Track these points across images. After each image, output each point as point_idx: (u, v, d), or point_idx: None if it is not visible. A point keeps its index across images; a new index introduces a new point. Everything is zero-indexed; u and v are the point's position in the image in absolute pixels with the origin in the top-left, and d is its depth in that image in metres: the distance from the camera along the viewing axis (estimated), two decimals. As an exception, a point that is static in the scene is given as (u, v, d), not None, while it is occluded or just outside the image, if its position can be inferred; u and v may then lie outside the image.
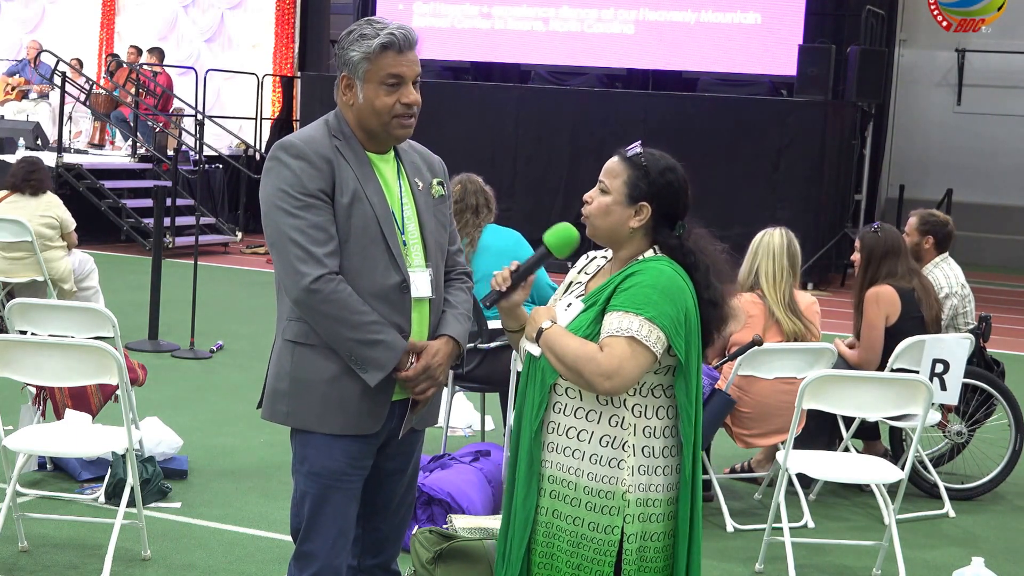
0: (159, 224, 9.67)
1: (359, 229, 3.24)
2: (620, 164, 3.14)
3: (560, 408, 3.11)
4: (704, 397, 5.47)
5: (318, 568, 3.33)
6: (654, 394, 3.08)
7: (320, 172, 3.22)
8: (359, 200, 3.24)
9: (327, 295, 3.17)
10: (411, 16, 16.50)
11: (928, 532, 5.87)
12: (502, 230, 5.82)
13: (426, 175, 3.44)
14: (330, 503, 3.31)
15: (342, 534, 3.35)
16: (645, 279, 3.04)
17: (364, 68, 3.25)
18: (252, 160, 16.55)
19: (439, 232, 3.42)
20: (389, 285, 3.26)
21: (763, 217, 13.71)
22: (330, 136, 3.30)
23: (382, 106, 3.25)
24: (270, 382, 3.37)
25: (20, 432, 5.03)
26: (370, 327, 3.20)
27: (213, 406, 7.38)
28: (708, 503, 5.91)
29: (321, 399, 3.27)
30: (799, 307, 5.90)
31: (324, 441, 3.29)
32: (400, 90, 3.26)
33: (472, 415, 7.11)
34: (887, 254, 6.19)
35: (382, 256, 3.26)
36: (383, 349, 3.21)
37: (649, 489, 3.05)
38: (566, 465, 3.09)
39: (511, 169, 14.92)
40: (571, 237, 3.14)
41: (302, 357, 3.28)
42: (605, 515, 3.04)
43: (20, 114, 17.03)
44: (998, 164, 17.40)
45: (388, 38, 3.24)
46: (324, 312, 3.19)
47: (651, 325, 2.99)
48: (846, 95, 14.76)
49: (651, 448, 3.06)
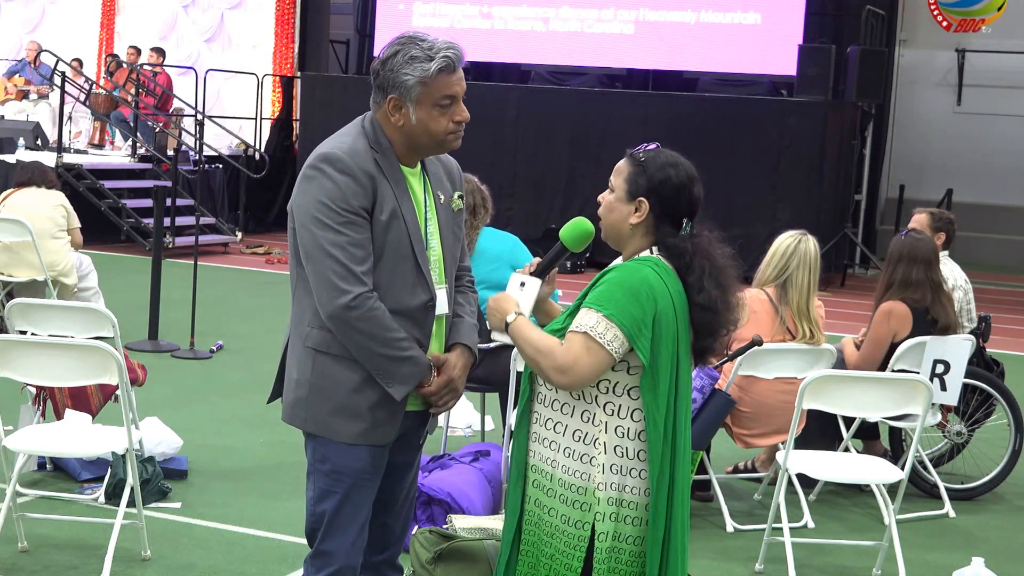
0: (159, 224, 9.67)
1: (393, 246, 3.26)
2: (624, 163, 3.18)
3: (541, 399, 3.16)
4: (704, 397, 5.48)
5: (338, 567, 3.34)
6: (630, 395, 3.06)
7: (364, 189, 3.21)
8: (396, 218, 3.25)
9: (364, 313, 3.19)
10: (411, 16, 16.51)
11: (928, 532, 5.87)
12: (499, 233, 5.80)
13: (447, 187, 3.45)
14: (351, 502, 3.33)
15: (360, 534, 3.37)
16: (614, 276, 3.05)
17: (419, 92, 3.23)
18: (252, 160, 16.55)
19: (454, 246, 3.44)
20: (416, 303, 3.29)
21: (763, 217, 13.78)
22: (370, 149, 3.28)
23: (437, 128, 3.25)
24: (290, 388, 3.37)
25: (20, 432, 5.04)
26: (400, 344, 3.23)
27: (213, 406, 7.39)
28: (708, 503, 5.92)
29: (339, 408, 3.29)
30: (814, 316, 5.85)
31: (345, 443, 3.31)
32: (452, 108, 3.26)
33: (472, 415, 7.11)
34: (901, 259, 6.08)
35: (411, 273, 3.28)
36: (411, 365, 3.25)
37: (623, 490, 3.04)
38: (545, 456, 3.13)
39: (511, 169, 14.93)
40: (586, 231, 3.17)
41: (323, 366, 3.29)
42: (576, 510, 3.06)
43: (20, 114, 17.03)
44: (998, 164, 17.39)
45: (443, 62, 3.21)
46: (359, 329, 3.21)
47: (608, 323, 2.99)
48: (846, 95, 14.76)
49: (624, 449, 3.05)
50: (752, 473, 6.35)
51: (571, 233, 3.17)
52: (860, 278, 15.15)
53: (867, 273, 15.53)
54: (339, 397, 3.28)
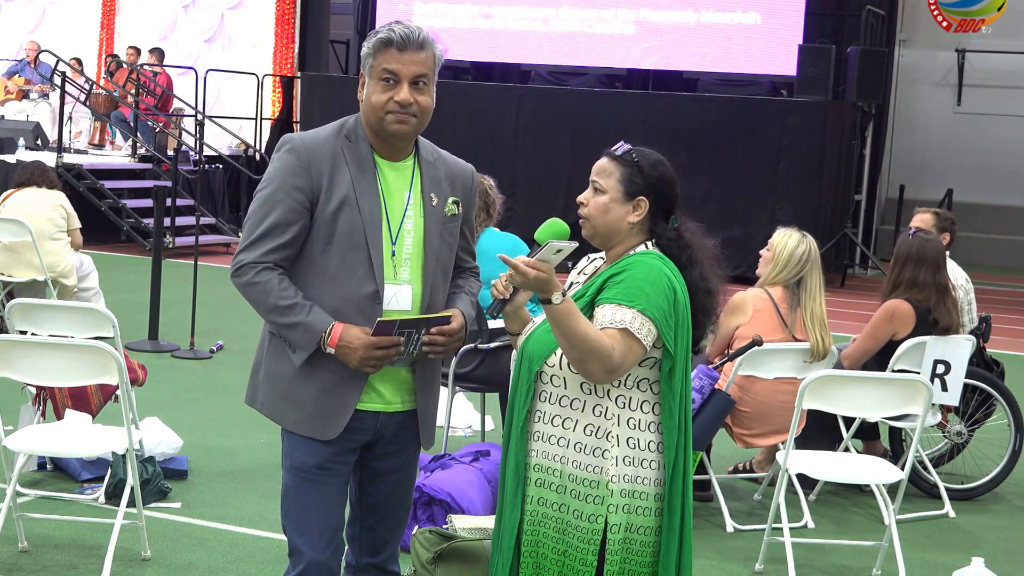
0: (159, 224, 9.67)
1: (343, 233, 3.24)
2: (611, 163, 3.18)
3: (546, 396, 3.14)
4: (704, 397, 5.48)
5: (305, 565, 3.32)
6: (639, 387, 3.09)
7: (305, 170, 3.24)
8: (348, 205, 3.24)
9: (248, 279, 3.24)
10: (411, 16, 16.50)
11: (928, 532, 5.87)
12: (500, 235, 5.81)
13: (445, 190, 3.40)
14: (311, 498, 3.31)
15: (327, 530, 3.33)
16: (637, 272, 3.08)
17: (369, 64, 3.28)
18: (252, 160, 16.56)
19: (443, 251, 3.38)
20: (362, 294, 3.26)
21: (763, 217, 13.78)
22: (339, 136, 3.30)
23: (376, 102, 3.25)
24: (252, 369, 3.44)
25: (20, 432, 5.04)
26: (287, 310, 3.22)
27: (213, 406, 7.39)
28: (708, 503, 5.92)
29: (283, 393, 3.32)
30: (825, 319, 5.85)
31: (303, 436, 3.31)
32: (395, 88, 3.25)
33: (472, 415, 7.11)
34: (907, 260, 6.07)
35: (362, 264, 3.26)
36: (301, 331, 3.22)
37: (636, 481, 3.06)
38: (551, 453, 3.11)
39: (511, 169, 14.92)
40: (561, 230, 3.17)
41: (274, 349, 3.34)
42: (589, 504, 3.06)
43: (20, 114, 17.04)
44: (998, 164, 17.39)
45: (387, 34, 3.25)
46: (247, 296, 3.27)
47: (644, 318, 3.02)
48: (846, 95, 14.76)
49: (636, 440, 3.07)
50: (749, 474, 6.35)
51: (549, 234, 3.15)
52: (860, 278, 15.16)
53: (867, 273, 15.54)
54: (284, 383, 3.31)
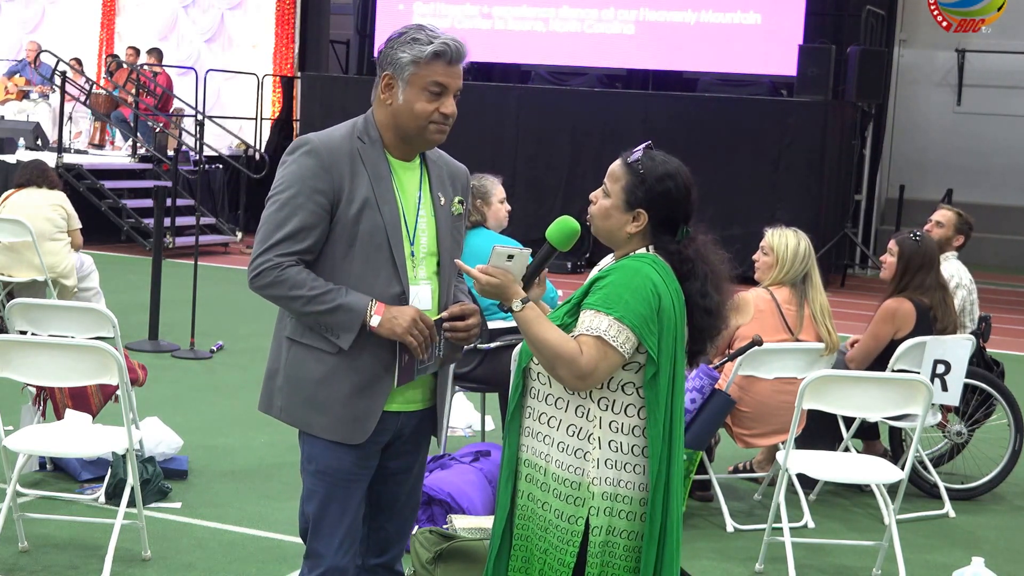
0: (159, 224, 9.67)
1: (365, 236, 3.24)
2: (621, 168, 3.17)
3: (534, 393, 3.16)
4: (704, 397, 5.48)
5: (326, 568, 3.33)
6: (624, 391, 3.08)
7: (326, 172, 3.22)
8: (369, 207, 3.24)
9: (272, 280, 3.20)
10: (411, 16, 16.50)
11: (928, 532, 5.87)
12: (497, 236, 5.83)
13: (448, 190, 3.44)
14: (336, 502, 3.32)
15: (348, 534, 3.35)
16: (619, 277, 3.06)
17: (411, 72, 3.24)
18: (252, 160, 16.55)
19: (454, 249, 3.41)
20: (388, 295, 3.26)
21: (763, 217, 13.72)
22: (354, 138, 3.29)
23: (421, 111, 3.25)
24: (268, 376, 3.40)
25: (20, 432, 5.03)
26: (322, 298, 3.19)
27: (213, 406, 7.39)
28: (708, 503, 5.92)
29: (308, 399, 3.29)
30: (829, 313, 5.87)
31: (329, 441, 3.30)
32: (441, 100, 3.26)
33: (472, 415, 7.11)
34: (922, 267, 6.09)
35: (385, 265, 3.26)
36: (343, 312, 3.19)
37: (617, 484, 3.06)
38: (538, 450, 3.13)
39: (511, 169, 14.90)
40: (571, 229, 3.18)
41: (296, 355, 3.31)
42: (570, 504, 3.07)
43: (20, 114, 17.03)
44: (998, 164, 17.39)
45: (441, 47, 3.23)
46: (273, 296, 3.23)
47: (620, 325, 3.01)
48: (846, 95, 14.76)
49: (619, 444, 3.06)
50: (749, 473, 6.35)
51: (558, 232, 3.18)
52: (860, 278, 15.15)
53: (867, 273, 15.53)
54: (308, 388, 3.28)
